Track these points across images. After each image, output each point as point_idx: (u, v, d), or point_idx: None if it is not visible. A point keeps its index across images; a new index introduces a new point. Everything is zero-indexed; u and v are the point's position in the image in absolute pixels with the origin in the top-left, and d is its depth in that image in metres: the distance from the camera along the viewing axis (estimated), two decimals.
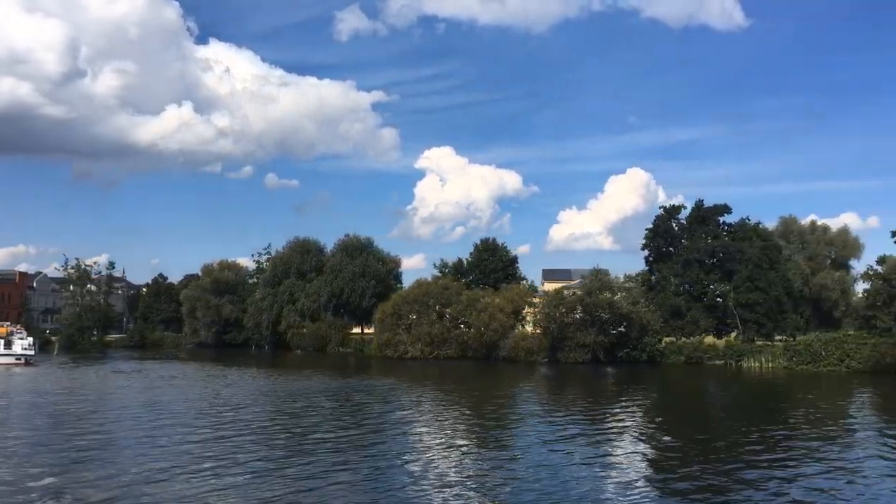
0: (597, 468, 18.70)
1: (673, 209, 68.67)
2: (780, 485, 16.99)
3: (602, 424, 26.72)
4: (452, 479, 17.44)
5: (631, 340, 61.33)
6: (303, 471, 18.13)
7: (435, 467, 18.97)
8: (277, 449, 20.93)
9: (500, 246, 77.45)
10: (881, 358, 51.08)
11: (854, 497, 15.91)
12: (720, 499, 15.87)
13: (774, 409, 34.00)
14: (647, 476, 18.13)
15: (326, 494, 15.91)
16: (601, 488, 16.43)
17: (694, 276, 63.48)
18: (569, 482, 16.96)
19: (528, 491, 16.11)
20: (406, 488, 16.29)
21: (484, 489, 16.39)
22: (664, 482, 17.38)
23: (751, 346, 59.71)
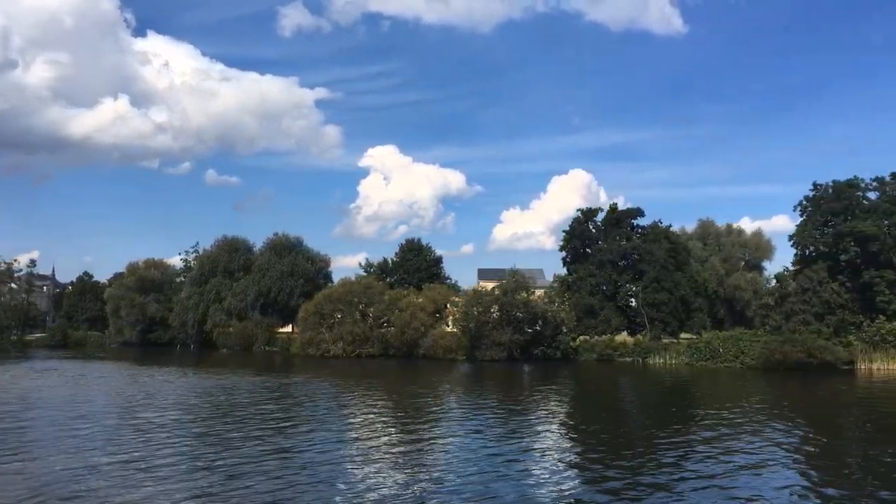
0: (516, 464, 18.99)
1: (590, 212, 71.23)
2: (685, 474, 18.04)
3: (518, 420, 27.46)
4: (376, 476, 17.47)
5: (546, 339, 63.52)
6: (223, 468, 17.97)
7: (357, 464, 18.93)
8: (197, 447, 20.84)
9: (424, 246, 78.91)
10: (770, 355, 54.30)
11: (749, 484, 17.03)
12: (634, 485, 16.78)
13: (674, 403, 36.05)
14: (564, 469, 18.69)
15: (247, 491, 15.82)
16: (522, 483, 16.75)
17: (607, 276, 66.08)
18: (490, 478, 17.23)
19: (452, 487, 16.22)
20: (328, 485, 16.33)
21: (406, 485, 16.50)
22: (580, 474, 18.09)
23: (657, 343, 62.50)
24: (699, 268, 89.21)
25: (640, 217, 70.49)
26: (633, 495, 15.85)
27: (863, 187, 62.04)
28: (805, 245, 62.34)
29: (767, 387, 44.07)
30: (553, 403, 33.40)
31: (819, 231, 61.47)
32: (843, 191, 61.07)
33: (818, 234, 61.81)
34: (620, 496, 15.74)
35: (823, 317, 55.33)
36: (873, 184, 62.28)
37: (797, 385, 44.83)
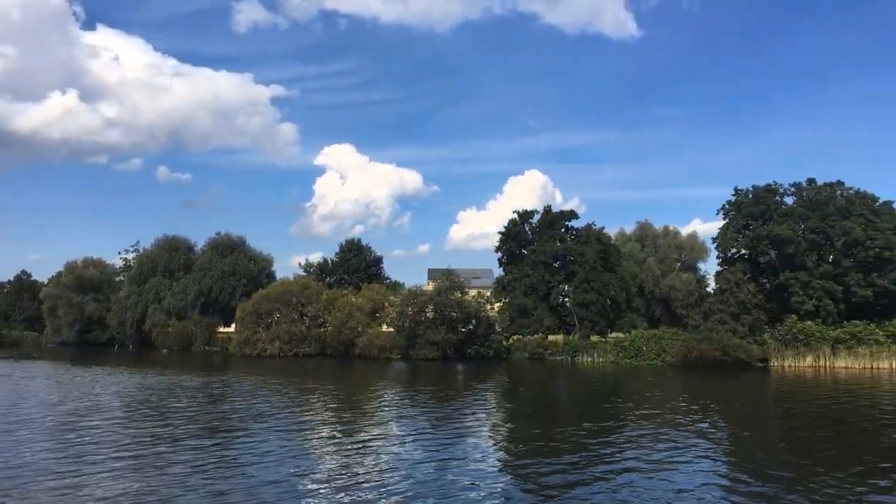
0: (451, 462, 18.83)
1: (525, 214, 72.83)
2: (611, 468, 18.51)
3: (451, 419, 27.56)
4: (311, 476, 17.34)
5: (479, 338, 64.93)
6: (157, 468, 17.73)
7: (291, 463, 18.78)
8: (129, 447, 20.45)
9: (364, 246, 79.66)
10: (688, 353, 56.54)
11: (672, 477, 17.60)
12: (565, 481, 17.00)
13: (598, 399, 37.17)
14: (498, 467, 18.66)
15: (183, 490, 15.65)
16: (456, 483, 16.72)
17: (540, 277, 67.69)
18: (423, 478, 17.01)
19: (387, 487, 16.18)
20: (263, 486, 16.11)
21: (341, 486, 16.34)
22: (513, 472, 18.14)
23: (586, 342, 64.35)
24: (636, 268, 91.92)
25: (573, 219, 72.45)
26: (564, 491, 16.09)
27: (781, 192, 64.84)
28: (726, 247, 64.84)
29: (685, 383, 45.86)
30: (485, 402, 34.02)
31: (739, 234, 64.02)
32: (762, 196, 63.75)
33: (739, 237, 64.34)
34: (552, 492, 15.92)
35: (739, 316, 57.71)
36: (791, 189, 65.13)
37: (712, 382, 46.59)
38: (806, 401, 36.09)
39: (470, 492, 15.86)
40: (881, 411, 31.45)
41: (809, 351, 56.67)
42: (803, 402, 35.44)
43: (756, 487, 16.58)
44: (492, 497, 15.42)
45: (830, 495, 15.81)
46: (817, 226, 60.13)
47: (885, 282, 58.25)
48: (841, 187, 63.39)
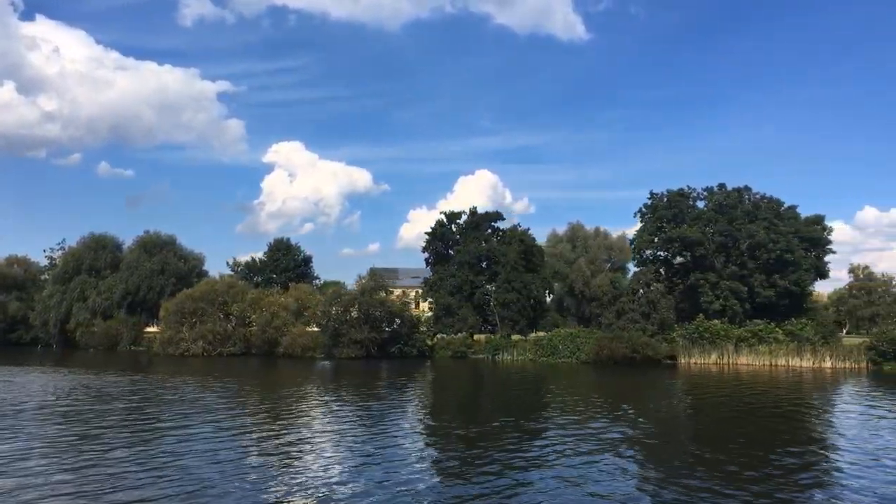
0: (373, 461, 18.76)
1: (453, 215, 74.08)
2: (526, 461, 18.82)
3: (371, 416, 27.67)
4: (229, 479, 16.56)
5: (403, 337, 65.95)
6: (65, 470, 17.21)
7: (210, 465, 18.00)
8: (34, 450, 19.87)
9: (293, 246, 79.93)
10: (600, 351, 58.53)
11: (588, 470, 17.92)
12: (486, 477, 17.04)
13: (514, 396, 38.23)
14: (419, 465, 18.67)
15: (101, 491, 15.20)
16: (379, 482, 16.47)
17: (464, 277, 69.04)
18: (345, 477, 16.77)
19: (308, 486, 15.84)
20: (180, 488, 15.48)
21: (263, 487, 15.89)
22: (434, 469, 18.21)
23: (507, 341, 65.92)
24: (567, 269, 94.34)
25: (499, 220, 73.96)
26: (484, 486, 16.14)
27: (693, 196, 67.46)
28: (641, 249, 67.20)
29: (596, 380, 47.40)
30: (404, 400, 34.35)
31: (654, 236, 66.41)
32: (675, 199, 66.29)
33: (654, 240, 66.74)
34: (474, 489, 15.82)
35: (649, 315, 59.94)
36: (704, 193, 67.82)
37: (621, 378, 48.28)
38: (710, 395, 38.13)
39: (391, 490, 15.66)
40: (779, 404, 33.18)
41: (714, 349, 59.19)
42: (708, 397, 37.49)
43: (667, 480, 17.16)
44: (413, 495, 15.23)
45: (739, 482, 16.69)
46: (725, 229, 62.84)
47: (786, 283, 61.24)
48: (748, 192, 66.35)
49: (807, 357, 56.38)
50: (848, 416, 29.69)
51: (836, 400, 36.78)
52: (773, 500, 15.05)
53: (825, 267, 66.88)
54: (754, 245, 61.21)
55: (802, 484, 16.60)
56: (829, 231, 66.88)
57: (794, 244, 61.10)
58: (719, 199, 65.92)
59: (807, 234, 63.85)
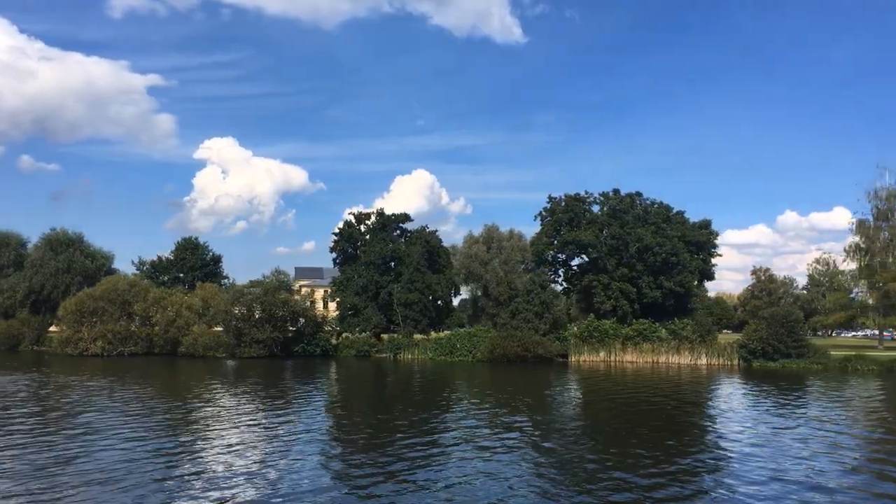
0: (271, 461, 18.76)
1: (361, 216, 75.19)
2: (432, 458, 19.27)
3: (273, 414, 27.71)
4: (121, 480, 16.13)
5: (306, 336, 66.78)
6: None
7: (109, 468, 17.33)
8: None
9: (201, 245, 79.64)
10: (493, 349, 60.62)
11: (485, 463, 18.62)
12: (381, 473, 17.26)
13: (412, 393, 39.42)
14: (318, 463, 18.71)
15: None
16: (277, 478, 16.52)
17: (370, 277, 70.26)
18: (241, 479, 16.46)
19: (207, 487, 15.61)
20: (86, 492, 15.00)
21: (163, 487, 15.62)
22: (332, 467, 18.23)
23: (409, 340, 67.46)
24: (482, 270, 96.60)
25: (407, 222, 75.32)
26: (378, 483, 16.40)
27: (589, 201, 70.32)
28: (539, 251, 69.69)
29: (488, 377, 49.02)
30: (303, 398, 34.49)
31: (552, 239, 68.97)
32: (572, 204, 68.98)
33: (553, 242, 69.30)
34: (367, 487, 15.91)
35: (542, 315, 62.33)
36: (600, 198, 70.75)
37: (512, 375, 50.11)
38: (594, 389, 40.87)
39: (290, 488, 15.70)
40: (661, 397, 35.75)
41: (603, 347, 62.04)
42: (592, 391, 40.17)
43: (560, 469, 18.19)
44: (313, 493, 15.24)
45: (625, 467, 18.06)
46: (617, 233, 65.76)
47: (672, 284, 64.53)
48: (639, 197, 69.57)
49: (685, 354, 59.76)
50: (722, 407, 32.38)
51: (712, 393, 39.56)
52: (661, 484, 16.34)
53: (711, 269, 70.69)
54: (642, 248, 64.29)
55: (683, 470, 18.08)
56: (716, 235, 70.76)
57: (679, 247, 64.42)
58: (613, 204, 68.90)
59: (693, 238, 67.36)
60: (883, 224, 68.78)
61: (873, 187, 68.29)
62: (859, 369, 53.08)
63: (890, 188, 68.48)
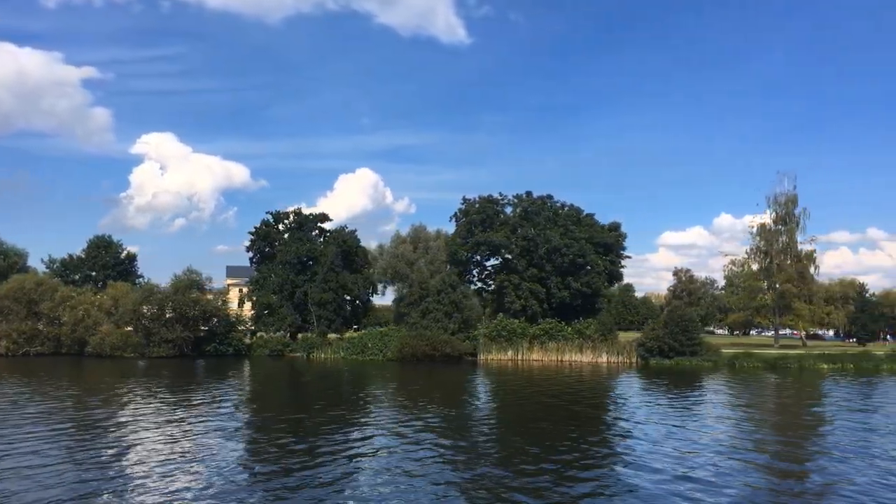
0: (186, 457, 18.81)
1: (280, 215, 75.19)
2: (343, 455, 19.68)
3: (187, 415, 27.55)
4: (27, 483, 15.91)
5: (218, 336, 66.51)
6: None
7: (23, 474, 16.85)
8: None
9: (114, 243, 78.40)
10: (403, 348, 61.52)
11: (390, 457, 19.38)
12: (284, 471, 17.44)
13: (321, 391, 40.09)
14: (220, 461, 18.68)
15: None
16: (190, 479, 16.50)
17: (286, 276, 70.35)
18: (161, 476, 16.48)
19: (111, 487, 15.55)
20: None
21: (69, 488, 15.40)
22: (236, 466, 18.24)
23: (322, 339, 67.82)
24: (408, 269, 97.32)
25: (326, 221, 75.63)
26: (281, 480, 16.56)
27: (503, 203, 71.86)
28: (453, 252, 70.91)
29: (396, 375, 49.83)
30: (211, 397, 34.25)
31: (465, 240, 70.25)
32: (485, 205, 70.40)
33: (466, 243, 70.57)
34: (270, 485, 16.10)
35: (451, 315, 63.51)
36: (514, 200, 72.37)
37: (419, 373, 51.14)
38: (499, 386, 42.73)
39: (203, 487, 15.69)
40: (563, 392, 37.41)
41: (511, 345, 63.55)
42: (496, 387, 42.03)
43: (463, 461, 18.84)
44: (224, 493, 15.25)
45: (533, 459, 19.14)
46: (528, 234, 67.42)
47: (579, 285, 66.48)
48: (550, 200, 71.41)
49: (587, 353, 61.72)
50: (618, 401, 34.96)
51: (609, 389, 41.72)
52: (569, 473, 17.59)
53: (619, 271, 73.04)
54: (551, 250, 66.05)
55: (587, 460, 19.36)
56: (624, 237, 73.15)
57: (586, 249, 66.41)
58: (526, 206, 70.57)
59: (602, 240, 69.48)
60: (782, 228, 72.20)
61: (773, 193, 71.71)
62: (745, 366, 55.78)
63: (788, 194, 72.00)
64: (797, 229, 71.39)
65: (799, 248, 71.61)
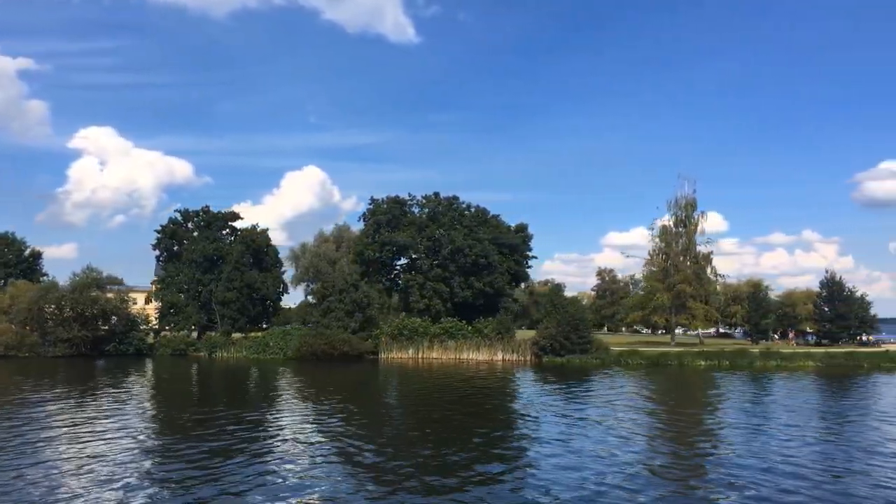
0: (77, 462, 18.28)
1: (189, 213, 74.74)
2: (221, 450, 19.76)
3: (69, 415, 27.19)
4: None
5: (118, 335, 65.93)
6: None
7: None
8: None
9: (16, 240, 76.97)
10: (301, 347, 61.95)
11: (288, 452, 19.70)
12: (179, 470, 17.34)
13: (221, 390, 40.63)
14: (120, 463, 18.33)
15: None
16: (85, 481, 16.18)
17: (191, 275, 70.05)
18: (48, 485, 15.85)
19: None
20: None
21: None
22: (139, 467, 17.88)
23: (226, 339, 67.78)
24: (330, 269, 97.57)
25: (236, 220, 75.47)
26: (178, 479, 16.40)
27: (410, 203, 72.79)
28: (359, 252, 71.57)
29: (294, 374, 49.72)
30: (109, 399, 33.65)
31: (371, 240, 70.98)
32: (392, 206, 71.23)
33: (373, 243, 71.26)
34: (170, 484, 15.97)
35: (353, 314, 64.15)
36: (422, 200, 73.36)
37: (318, 372, 51.36)
38: (398, 384, 43.71)
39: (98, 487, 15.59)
40: (462, 390, 38.33)
41: (412, 344, 64.49)
42: (395, 385, 43.09)
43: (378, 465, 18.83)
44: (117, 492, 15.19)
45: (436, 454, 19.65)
46: (432, 235, 68.46)
47: (482, 284, 67.79)
48: (456, 201, 72.62)
49: (484, 351, 63.07)
50: (516, 397, 36.51)
51: (508, 385, 42.84)
52: (456, 462, 18.35)
53: (524, 271, 74.68)
54: (455, 250, 67.18)
55: (482, 454, 19.90)
56: (530, 238, 74.78)
57: (489, 250, 67.73)
58: (433, 206, 71.63)
59: (507, 241, 70.96)
60: (682, 230, 74.72)
61: (674, 196, 74.15)
62: (630, 363, 57.74)
63: (688, 197, 74.55)
64: (695, 232, 73.92)
65: (697, 250, 74.17)
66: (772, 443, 21.65)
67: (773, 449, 20.54)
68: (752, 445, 21.08)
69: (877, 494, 15.33)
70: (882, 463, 18.69)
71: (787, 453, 19.78)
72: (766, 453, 19.79)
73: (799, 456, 19.43)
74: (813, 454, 19.85)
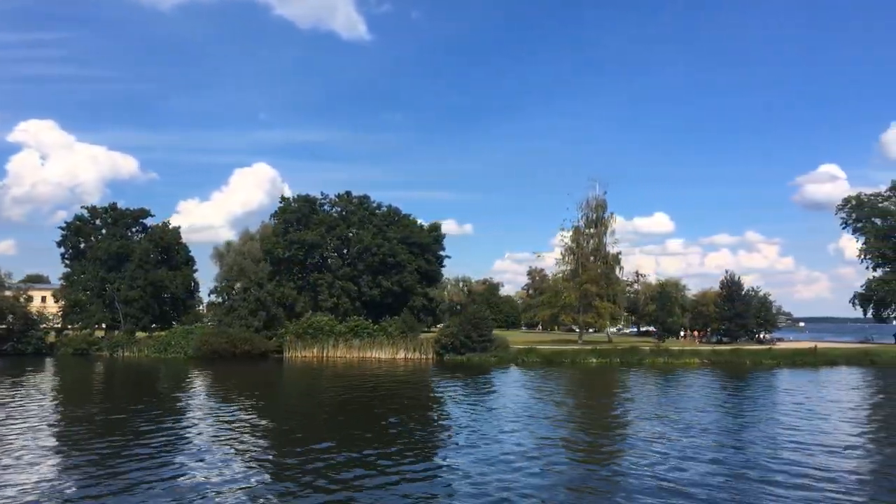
0: None
1: (96, 210, 73.53)
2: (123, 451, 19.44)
3: None
4: None
5: (15, 334, 64.56)
6: None
7: None
8: None
9: None
10: (201, 346, 61.54)
11: None
12: None
13: (122, 390, 40.17)
14: None
15: None
16: None
17: (95, 273, 68.95)
18: None
19: None
20: None
21: None
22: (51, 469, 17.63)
23: (130, 337, 66.88)
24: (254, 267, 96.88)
25: (147, 217, 74.63)
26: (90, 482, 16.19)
27: (322, 202, 72.84)
28: (269, 250, 71.38)
29: (194, 373, 49.58)
30: None
31: (280, 238, 70.84)
32: (303, 204, 71.19)
33: (282, 241, 71.13)
34: None
35: (256, 312, 63.97)
36: (334, 199, 73.47)
37: (217, 371, 50.93)
38: (300, 383, 44.19)
39: None
40: (361, 388, 38.52)
41: (317, 343, 64.56)
42: (306, 385, 43.04)
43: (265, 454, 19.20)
44: None
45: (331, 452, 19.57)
46: (342, 234, 68.64)
47: (390, 283, 68.24)
48: (367, 200, 72.98)
49: (387, 349, 63.48)
50: (421, 393, 37.18)
51: (411, 382, 43.36)
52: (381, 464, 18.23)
53: (437, 270, 75.36)
54: (363, 249, 67.51)
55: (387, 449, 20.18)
56: (443, 237, 75.55)
57: (397, 249, 68.22)
58: (343, 205, 71.81)
59: (418, 241, 71.51)
60: (592, 231, 76.25)
61: (585, 198, 75.66)
62: (526, 361, 58.77)
63: (598, 199, 76.11)
64: (605, 233, 75.51)
65: (607, 251, 75.77)
66: None
67: None
68: None
69: None
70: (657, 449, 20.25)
71: None
72: None
73: None
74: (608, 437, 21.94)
